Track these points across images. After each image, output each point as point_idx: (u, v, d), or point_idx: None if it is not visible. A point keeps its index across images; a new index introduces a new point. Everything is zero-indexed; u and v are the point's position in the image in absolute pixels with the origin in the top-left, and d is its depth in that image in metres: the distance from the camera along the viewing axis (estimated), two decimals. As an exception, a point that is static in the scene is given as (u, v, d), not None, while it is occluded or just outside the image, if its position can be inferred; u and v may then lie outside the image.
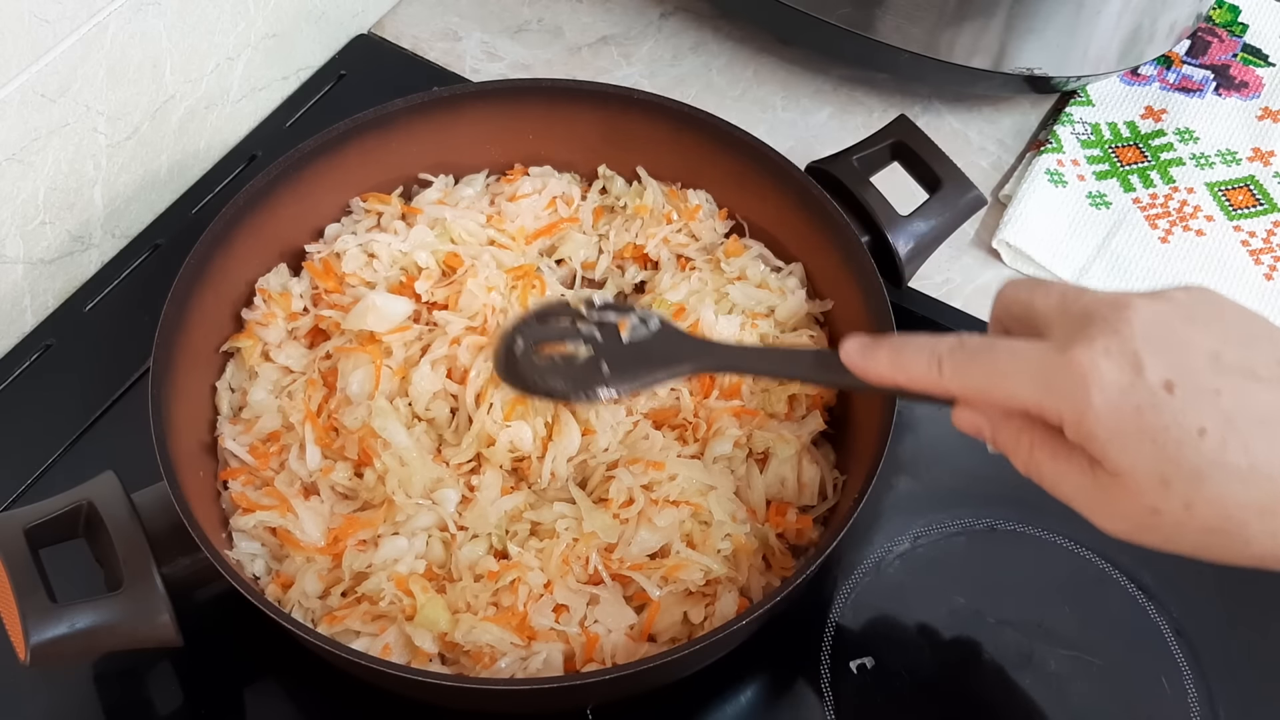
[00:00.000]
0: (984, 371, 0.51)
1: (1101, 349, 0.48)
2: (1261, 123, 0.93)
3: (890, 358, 0.55)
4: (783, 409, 0.72)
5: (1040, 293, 0.53)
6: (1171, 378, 0.47)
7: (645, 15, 1.01)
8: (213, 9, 0.83)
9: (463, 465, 0.69)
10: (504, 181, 0.82)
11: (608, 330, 0.64)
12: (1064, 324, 0.51)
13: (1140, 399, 0.47)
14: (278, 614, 0.60)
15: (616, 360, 0.63)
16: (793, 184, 0.75)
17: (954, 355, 0.52)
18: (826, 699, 0.68)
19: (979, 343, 0.52)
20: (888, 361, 0.55)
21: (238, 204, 0.73)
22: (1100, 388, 0.47)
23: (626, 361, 0.63)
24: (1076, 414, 0.48)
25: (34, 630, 0.58)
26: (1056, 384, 0.49)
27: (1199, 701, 0.68)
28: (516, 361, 0.64)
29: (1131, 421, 0.47)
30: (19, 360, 0.80)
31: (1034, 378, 0.50)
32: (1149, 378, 0.47)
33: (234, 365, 0.74)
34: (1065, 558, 0.73)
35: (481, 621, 0.63)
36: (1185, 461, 0.47)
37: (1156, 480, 0.47)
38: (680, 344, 0.64)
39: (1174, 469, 0.47)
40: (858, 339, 0.56)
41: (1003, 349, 0.51)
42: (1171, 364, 0.47)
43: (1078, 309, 0.50)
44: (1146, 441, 0.47)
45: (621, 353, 0.63)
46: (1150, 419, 0.47)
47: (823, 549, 0.61)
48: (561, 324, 0.65)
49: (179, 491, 0.62)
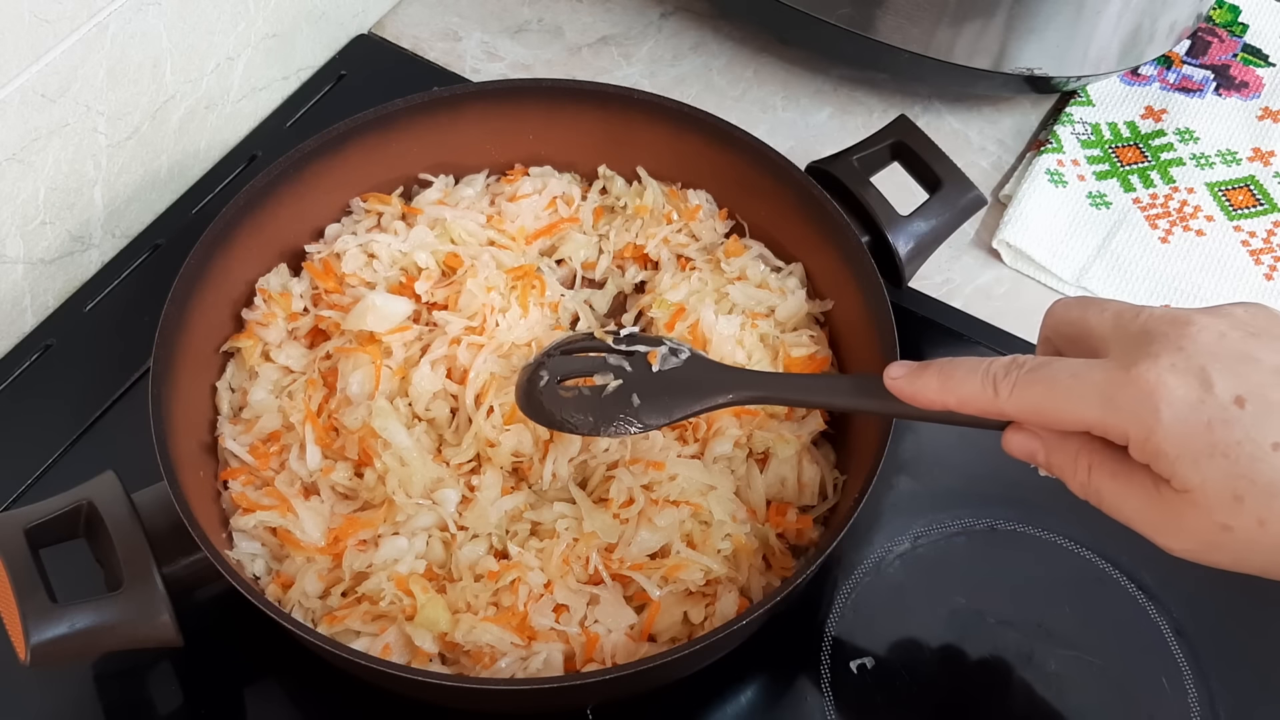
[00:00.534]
0: (1044, 391, 0.51)
1: (1168, 365, 0.48)
2: (1261, 123, 0.93)
3: (940, 381, 0.54)
4: (783, 409, 0.72)
5: (1094, 310, 0.53)
6: (1242, 393, 0.47)
7: (645, 15, 1.01)
8: (213, 9, 0.83)
9: (463, 465, 0.69)
10: (504, 181, 0.82)
11: (637, 361, 0.62)
12: (1122, 342, 0.50)
13: (1211, 414, 0.47)
14: (278, 614, 0.60)
15: (647, 392, 0.61)
16: (793, 184, 0.75)
17: (1010, 375, 0.52)
18: (826, 699, 0.68)
19: (1036, 362, 0.51)
20: (937, 385, 0.54)
21: (238, 204, 0.73)
22: (1169, 403, 0.47)
23: (658, 392, 0.61)
24: (1144, 431, 0.48)
25: (34, 630, 0.58)
26: (1122, 401, 0.48)
27: (1199, 701, 0.68)
28: (540, 394, 0.62)
29: (1202, 437, 0.47)
30: (19, 360, 0.80)
31: (1098, 396, 0.49)
32: (1219, 393, 0.47)
33: (234, 365, 0.74)
34: (1065, 558, 0.73)
35: (481, 622, 0.63)
36: (1260, 476, 0.46)
37: (1229, 496, 0.47)
38: (714, 374, 0.63)
39: (1247, 485, 0.46)
40: (902, 364, 0.55)
41: (1062, 368, 0.51)
42: (1240, 379, 0.47)
43: (1136, 327, 0.50)
44: (1218, 457, 0.47)
45: (652, 383, 0.61)
46: (1222, 434, 0.47)
47: (823, 549, 0.61)
48: (589, 357, 0.63)
49: (179, 491, 0.62)
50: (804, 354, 0.74)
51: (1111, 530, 0.73)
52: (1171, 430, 0.47)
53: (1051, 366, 0.51)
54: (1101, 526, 0.73)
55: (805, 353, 0.74)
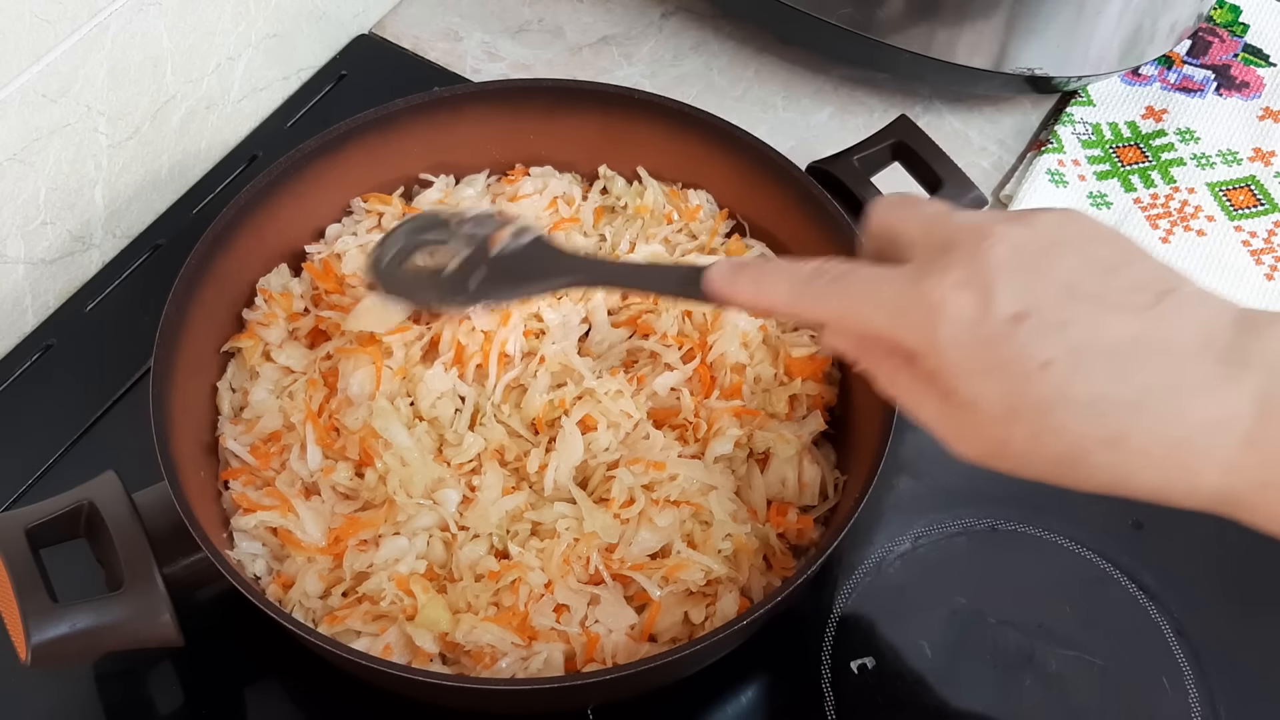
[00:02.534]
0: (840, 299, 0.51)
1: (953, 281, 0.47)
2: (1262, 123, 0.93)
3: (752, 282, 0.54)
4: (784, 409, 0.72)
5: (908, 215, 0.52)
6: (1022, 309, 0.46)
7: (646, 15, 1.01)
8: (213, 9, 0.83)
9: (463, 465, 0.69)
10: (505, 182, 0.82)
11: (479, 242, 0.64)
12: (925, 250, 0.50)
13: (988, 331, 0.47)
14: (279, 614, 0.60)
15: (488, 273, 0.63)
16: (793, 184, 0.75)
17: (812, 282, 0.52)
18: (827, 699, 0.68)
19: (839, 269, 0.52)
20: (749, 285, 0.54)
21: (238, 204, 0.73)
22: (948, 321, 0.47)
23: (497, 274, 0.63)
24: (926, 346, 0.48)
25: (35, 630, 0.58)
26: (908, 315, 0.49)
27: (1200, 701, 0.68)
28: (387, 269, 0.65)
29: (979, 355, 0.47)
30: (20, 360, 0.80)
31: (887, 308, 0.49)
32: (998, 310, 0.47)
33: (235, 365, 0.74)
34: (1066, 558, 0.73)
35: (482, 622, 0.63)
36: (1031, 394, 0.47)
37: (1004, 411, 0.47)
38: (554, 259, 0.64)
39: (1020, 401, 0.47)
40: (727, 261, 0.56)
41: (860, 277, 0.51)
42: (1024, 295, 0.47)
43: (941, 236, 0.50)
44: (993, 374, 0.47)
45: (492, 265, 0.63)
46: (997, 352, 0.47)
47: (823, 549, 0.61)
48: (436, 235, 0.65)
49: (180, 491, 0.62)
50: (804, 354, 0.73)
51: (1111, 530, 0.74)
52: (949, 349, 0.47)
53: (852, 275, 0.51)
54: (1101, 526, 0.74)
55: (806, 352, 0.74)
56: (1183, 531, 0.74)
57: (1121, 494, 0.48)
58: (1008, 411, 0.47)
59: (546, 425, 0.70)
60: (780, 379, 0.73)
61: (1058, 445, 0.47)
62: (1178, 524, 0.74)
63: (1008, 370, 0.47)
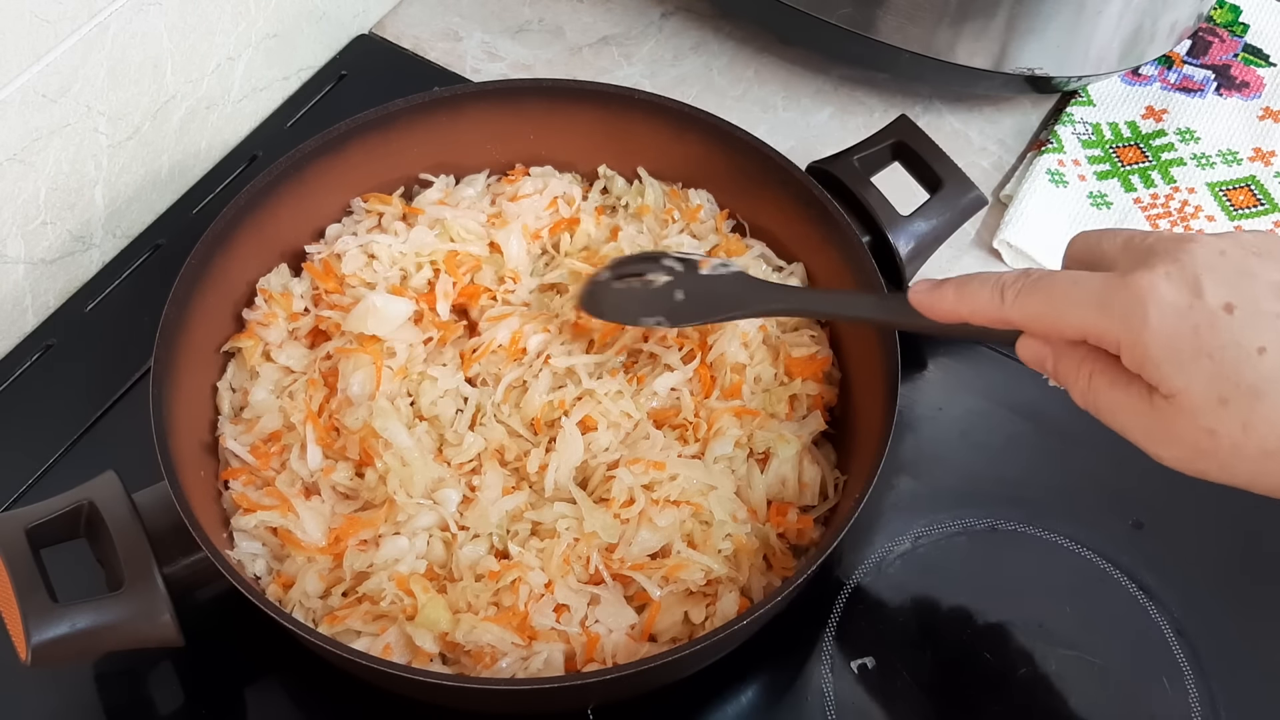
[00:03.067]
0: (1044, 298, 0.52)
1: (1162, 274, 0.49)
2: (1262, 123, 0.93)
3: (956, 293, 0.56)
4: (784, 409, 0.72)
5: (1109, 236, 0.54)
6: (1232, 300, 0.47)
7: (646, 15, 1.01)
8: (213, 9, 0.83)
9: (464, 465, 0.69)
10: (505, 182, 0.82)
11: (689, 265, 0.69)
12: (1128, 258, 0.51)
13: (1199, 319, 0.47)
14: (279, 614, 0.60)
15: (691, 293, 0.68)
16: (794, 184, 0.75)
17: (1017, 284, 0.54)
18: (828, 699, 0.68)
19: (1042, 273, 0.53)
20: (953, 296, 0.56)
21: (239, 204, 0.73)
22: (1158, 306, 0.48)
23: (698, 297, 0.68)
24: (1133, 334, 0.49)
25: (35, 630, 0.58)
26: (1114, 306, 0.49)
27: (1199, 701, 0.68)
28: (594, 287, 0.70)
29: (1188, 340, 0.47)
30: (20, 360, 0.80)
31: (1093, 301, 0.50)
32: (1208, 300, 0.48)
33: (235, 365, 0.74)
34: (1066, 558, 0.73)
35: (482, 622, 0.63)
36: (1243, 380, 0.47)
37: (1214, 399, 0.47)
38: (753, 289, 0.68)
39: (1232, 387, 0.47)
40: (925, 280, 0.58)
41: (1065, 277, 0.52)
42: (1233, 289, 0.48)
43: (1143, 247, 0.51)
44: (1204, 359, 0.47)
45: (696, 286, 0.68)
46: (1208, 338, 0.47)
47: (824, 549, 0.61)
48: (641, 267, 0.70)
49: (180, 491, 0.62)
50: (804, 354, 0.74)
51: (1111, 530, 0.74)
52: (1158, 333, 0.48)
53: (1055, 276, 0.53)
54: (1101, 526, 0.74)
55: (806, 352, 0.74)
56: (1183, 531, 0.74)
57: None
58: (1217, 400, 0.47)
59: (546, 426, 0.70)
60: (780, 379, 0.73)
61: (1270, 434, 0.47)
62: (1178, 524, 0.74)
63: (1218, 355, 0.47)
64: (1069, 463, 0.77)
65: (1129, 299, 0.49)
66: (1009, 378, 0.79)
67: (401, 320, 0.73)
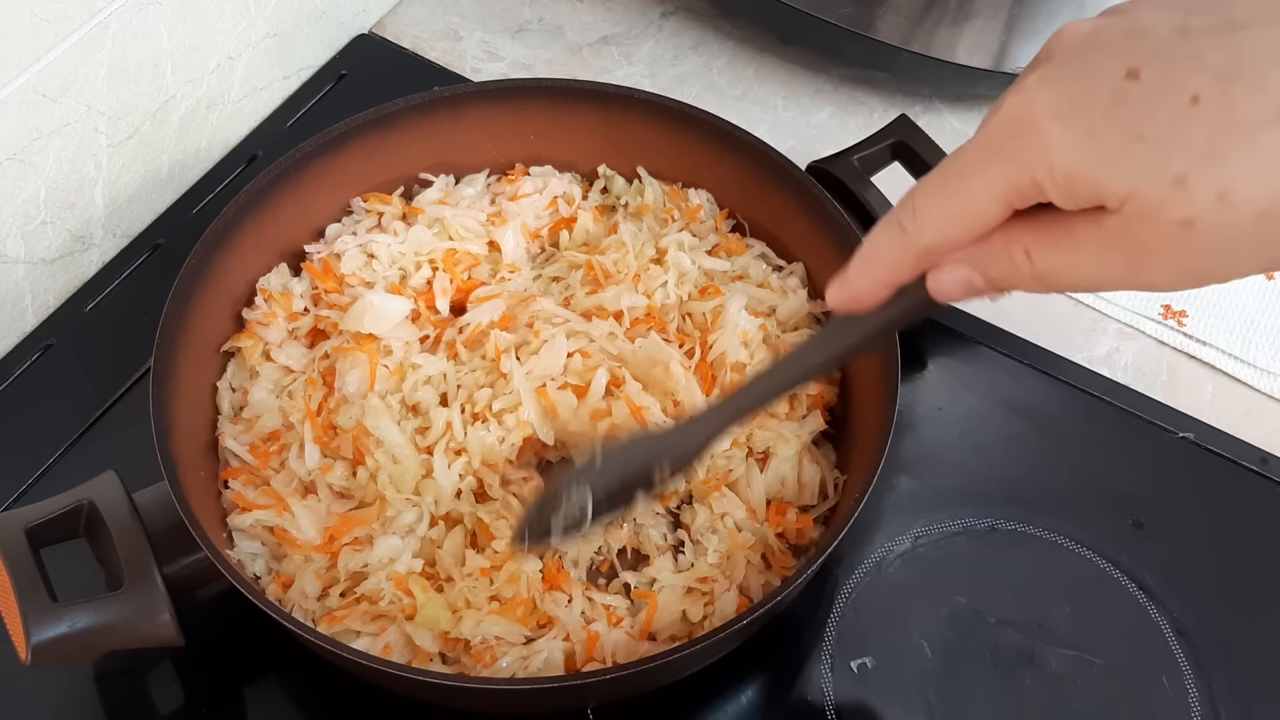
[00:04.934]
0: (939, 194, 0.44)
1: (1035, 81, 0.40)
2: (1262, 122, 0.93)
3: (861, 264, 0.47)
4: (783, 409, 0.72)
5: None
6: (1133, 64, 0.39)
7: (646, 15, 1.01)
8: (213, 9, 0.83)
9: (434, 446, 0.69)
10: (505, 181, 0.82)
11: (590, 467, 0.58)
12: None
13: (1103, 102, 0.39)
14: (279, 613, 0.60)
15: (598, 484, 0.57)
16: (793, 184, 0.75)
17: (909, 202, 0.45)
18: (827, 699, 0.68)
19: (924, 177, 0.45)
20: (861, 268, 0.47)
21: (238, 204, 0.73)
22: (1048, 114, 0.39)
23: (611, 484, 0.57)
24: (1044, 164, 0.40)
25: (35, 630, 0.58)
26: (1006, 147, 0.41)
27: (1199, 701, 0.68)
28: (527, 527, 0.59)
29: (1107, 130, 0.39)
30: (20, 360, 0.80)
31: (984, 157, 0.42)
32: (1106, 77, 0.39)
33: (235, 365, 0.74)
34: (1066, 558, 0.73)
35: (488, 615, 0.63)
36: (1193, 143, 0.37)
37: (1170, 184, 0.38)
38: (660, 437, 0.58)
39: (1182, 158, 0.38)
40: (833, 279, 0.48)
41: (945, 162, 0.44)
42: (1126, 55, 0.39)
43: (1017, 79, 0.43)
44: (1133, 144, 0.38)
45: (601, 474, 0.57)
46: (1126, 116, 0.38)
47: (823, 549, 0.61)
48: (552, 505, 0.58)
49: (180, 491, 0.62)
50: (804, 354, 0.73)
51: (1112, 530, 0.74)
52: (1066, 143, 0.39)
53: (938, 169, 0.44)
54: (1101, 526, 0.74)
55: (806, 352, 0.74)
56: (1183, 531, 0.74)
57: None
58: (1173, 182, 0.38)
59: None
60: (780, 379, 0.73)
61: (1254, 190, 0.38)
62: (1178, 524, 0.74)
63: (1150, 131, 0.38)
64: (1069, 463, 0.77)
65: (1016, 129, 0.40)
66: (1009, 378, 0.79)
67: (398, 319, 0.73)
